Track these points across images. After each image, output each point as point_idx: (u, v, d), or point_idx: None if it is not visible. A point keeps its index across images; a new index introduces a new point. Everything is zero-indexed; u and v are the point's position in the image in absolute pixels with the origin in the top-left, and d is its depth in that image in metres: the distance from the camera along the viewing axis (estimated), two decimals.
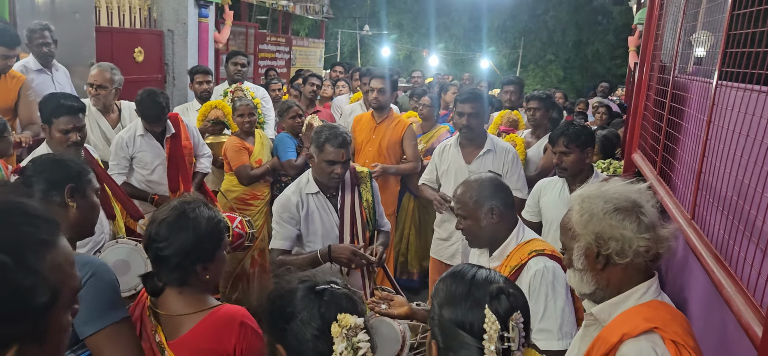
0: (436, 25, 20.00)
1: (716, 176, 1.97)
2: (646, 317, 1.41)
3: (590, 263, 1.49)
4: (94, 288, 1.54)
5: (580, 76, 19.63)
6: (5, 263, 0.76)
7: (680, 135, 2.71)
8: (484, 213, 2.13)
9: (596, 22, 19.24)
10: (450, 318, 1.17)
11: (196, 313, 1.65)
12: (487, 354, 1.10)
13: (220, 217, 1.75)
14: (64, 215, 1.71)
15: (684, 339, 1.37)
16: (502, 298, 1.14)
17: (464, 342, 1.15)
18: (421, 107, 4.85)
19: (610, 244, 1.44)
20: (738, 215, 1.70)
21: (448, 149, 3.63)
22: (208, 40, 7.08)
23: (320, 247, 2.65)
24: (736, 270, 1.65)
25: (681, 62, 2.95)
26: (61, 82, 4.11)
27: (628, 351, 1.37)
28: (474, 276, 1.20)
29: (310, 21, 15.10)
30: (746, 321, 1.46)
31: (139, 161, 3.49)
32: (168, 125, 3.55)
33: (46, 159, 1.83)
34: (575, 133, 3.04)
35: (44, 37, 3.95)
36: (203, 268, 1.67)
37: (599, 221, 1.46)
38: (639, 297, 1.47)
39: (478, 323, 1.13)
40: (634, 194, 1.51)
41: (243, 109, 4.08)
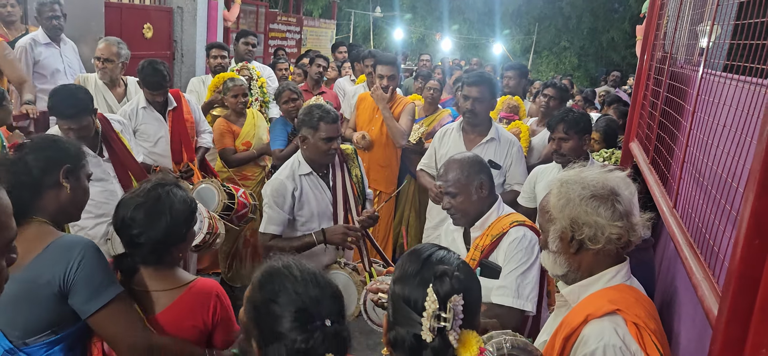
0: (449, 9, 19.88)
1: (696, 165, 2.00)
2: (611, 299, 1.47)
3: (564, 246, 1.54)
4: (87, 268, 1.59)
5: (595, 64, 19.45)
6: None
7: (671, 125, 2.73)
8: (475, 188, 2.21)
9: (612, 10, 19.00)
10: (399, 293, 1.23)
11: (173, 290, 1.73)
12: (424, 331, 1.16)
13: (191, 197, 1.80)
14: (56, 194, 1.73)
15: (645, 322, 1.42)
16: (445, 280, 1.18)
17: (409, 317, 1.20)
18: (430, 91, 4.85)
19: (583, 230, 1.49)
20: (710, 203, 1.73)
21: (449, 134, 3.55)
22: (218, 18, 7.13)
23: (315, 227, 2.72)
24: (706, 257, 1.70)
25: (686, 53, 2.96)
26: (69, 57, 4.20)
27: (590, 331, 1.42)
28: (430, 255, 1.25)
29: (323, 1, 15.08)
30: (708, 306, 1.50)
31: (143, 133, 3.57)
32: (170, 98, 3.63)
33: (44, 138, 1.86)
34: (574, 119, 3.06)
35: (54, 10, 4.05)
36: (176, 247, 1.75)
37: (575, 207, 1.50)
38: (607, 280, 1.53)
39: (421, 300, 1.18)
40: (613, 182, 1.54)
41: (236, 89, 4.09)
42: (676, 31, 2.98)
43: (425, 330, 1.15)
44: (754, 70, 1.54)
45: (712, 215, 1.71)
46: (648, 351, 1.37)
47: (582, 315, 1.45)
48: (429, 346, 1.16)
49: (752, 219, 1.17)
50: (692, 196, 2.03)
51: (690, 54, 2.75)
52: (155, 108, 3.59)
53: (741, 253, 1.20)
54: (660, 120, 2.91)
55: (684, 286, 2.55)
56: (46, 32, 4.09)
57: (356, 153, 3.02)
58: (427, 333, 1.15)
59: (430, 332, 1.15)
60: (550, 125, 3.16)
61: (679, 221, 2.11)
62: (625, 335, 1.40)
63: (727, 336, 1.23)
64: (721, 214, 1.60)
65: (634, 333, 1.40)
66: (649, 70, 3.63)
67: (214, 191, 3.25)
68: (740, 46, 1.69)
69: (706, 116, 1.95)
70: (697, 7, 2.59)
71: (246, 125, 4.15)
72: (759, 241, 1.17)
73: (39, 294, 1.57)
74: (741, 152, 1.53)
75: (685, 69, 2.70)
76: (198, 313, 1.73)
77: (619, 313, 1.43)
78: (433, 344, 1.16)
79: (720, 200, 1.63)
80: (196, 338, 1.75)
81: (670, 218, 2.24)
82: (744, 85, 1.64)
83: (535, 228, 2.19)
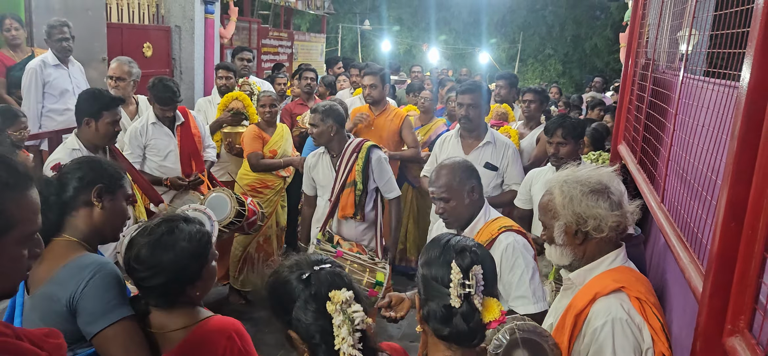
0: (435, 20, 20.15)
1: (680, 162, 2.19)
2: (615, 278, 1.67)
3: (569, 238, 1.73)
4: (97, 287, 1.57)
5: (579, 71, 19.79)
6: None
7: (655, 126, 2.93)
8: (467, 192, 2.33)
9: (594, 17, 19.38)
10: (427, 274, 1.42)
11: (184, 328, 1.60)
12: (453, 298, 1.34)
13: (203, 230, 1.68)
14: (88, 213, 1.73)
15: (646, 296, 1.63)
16: (465, 254, 1.38)
17: (438, 291, 1.38)
18: (423, 100, 5.07)
19: (588, 222, 1.68)
20: (693, 196, 1.92)
21: (449, 140, 3.76)
22: (214, 36, 7.29)
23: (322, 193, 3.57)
24: (691, 243, 1.88)
25: (668, 59, 3.16)
26: (77, 78, 4.33)
27: (599, 307, 1.62)
28: (448, 241, 1.44)
29: (311, 16, 15.27)
30: (695, 286, 1.69)
31: (153, 148, 3.71)
32: (177, 114, 3.79)
33: (83, 159, 1.87)
34: (572, 125, 3.22)
35: (64, 32, 4.19)
36: (192, 286, 1.62)
37: (578, 203, 1.69)
38: (609, 263, 1.73)
39: (447, 275, 1.36)
40: (604, 177, 1.75)
41: (265, 99, 4.29)
42: (657, 38, 3.18)
43: (454, 297, 1.33)
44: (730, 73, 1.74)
45: (695, 206, 1.90)
46: (650, 321, 1.58)
47: (591, 294, 1.63)
48: (458, 312, 1.33)
49: (728, 206, 1.35)
50: (677, 190, 2.22)
51: (671, 60, 2.95)
52: (164, 123, 3.73)
53: (720, 235, 1.38)
54: (645, 123, 3.11)
55: (674, 278, 2.73)
56: (56, 54, 4.22)
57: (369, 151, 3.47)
58: (455, 299, 1.33)
59: (458, 298, 1.33)
60: (548, 130, 3.28)
61: (667, 214, 2.30)
62: (630, 309, 1.59)
63: (711, 308, 1.40)
64: (703, 205, 1.79)
65: (637, 306, 1.60)
66: (634, 76, 3.84)
67: (227, 199, 3.42)
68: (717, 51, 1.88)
69: (687, 117, 2.15)
70: (676, 17, 2.80)
71: (275, 135, 4.35)
72: (734, 224, 1.35)
73: (53, 312, 1.57)
74: (719, 148, 1.72)
75: (667, 74, 2.90)
76: (205, 352, 1.58)
77: (623, 290, 1.62)
78: (461, 309, 1.33)
79: (701, 192, 1.82)
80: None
81: (658, 212, 2.42)
82: (721, 88, 1.83)
83: (521, 230, 2.35)
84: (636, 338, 1.57)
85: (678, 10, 2.71)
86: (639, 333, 1.57)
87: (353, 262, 3.15)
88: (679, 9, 2.73)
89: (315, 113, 3.39)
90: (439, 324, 1.37)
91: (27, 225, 1.08)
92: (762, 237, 1.24)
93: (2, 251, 1.04)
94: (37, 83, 4.12)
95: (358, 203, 3.44)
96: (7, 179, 1.04)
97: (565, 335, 1.63)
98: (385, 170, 3.51)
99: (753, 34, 1.28)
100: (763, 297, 1.25)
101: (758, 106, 1.27)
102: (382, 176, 3.49)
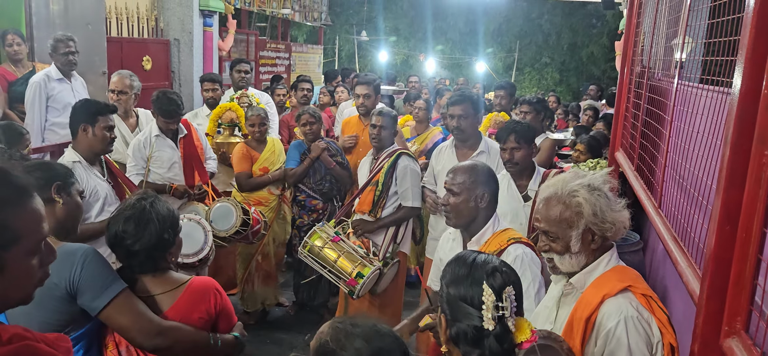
0: (432, 30, 20.25)
1: (675, 168, 2.23)
2: (619, 278, 1.70)
3: (585, 246, 1.74)
4: (92, 269, 1.74)
5: (576, 79, 19.87)
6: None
7: (652, 133, 2.97)
8: (476, 195, 2.32)
9: (591, 25, 19.49)
10: (455, 294, 1.40)
11: (174, 289, 1.88)
12: (486, 321, 1.32)
13: (171, 207, 1.99)
14: (52, 210, 1.90)
15: (651, 292, 1.68)
16: (497, 275, 1.36)
17: (467, 312, 1.37)
18: (417, 110, 5.12)
19: (606, 226, 1.70)
20: (689, 201, 1.96)
21: (444, 151, 3.79)
22: (213, 48, 7.34)
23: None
24: (688, 247, 1.92)
25: (663, 67, 3.20)
26: (79, 92, 4.36)
27: (609, 308, 1.65)
28: (474, 259, 1.43)
29: (308, 27, 15.36)
30: (692, 289, 1.72)
31: (157, 160, 3.74)
32: (180, 126, 3.83)
33: (35, 163, 2.07)
34: (524, 130, 3.19)
35: (70, 46, 4.25)
36: (169, 252, 1.92)
37: (609, 211, 1.70)
38: (606, 264, 1.76)
39: (477, 296, 1.35)
40: (601, 182, 1.77)
41: (254, 119, 4.22)
42: (652, 46, 3.23)
43: (487, 320, 1.32)
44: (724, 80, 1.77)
45: (691, 211, 1.93)
46: (656, 314, 1.63)
47: (598, 297, 1.66)
48: (492, 334, 1.32)
49: (723, 209, 1.39)
50: (674, 196, 2.25)
51: (666, 68, 3.00)
52: (168, 136, 3.77)
53: (715, 238, 1.41)
54: (642, 130, 3.15)
55: (673, 283, 2.76)
56: (61, 67, 4.26)
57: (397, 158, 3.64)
58: (489, 322, 1.32)
59: (493, 321, 1.32)
60: (500, 137, 3.25)
61: (664, 220, 2.33)
62: (639, 306, 1.64)
63: (708, 310, 1.43)
64: (699, 209, 1.83)
65: (644, 303, 1.65)
66: (629, 84, 3.88)
67: (232, 208, 3.47)
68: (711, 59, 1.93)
69: (683, 124, 2.19)
70: (670, 25, 2.85)
71: (265, 151, 4.27)
72: (729, 227, 1.38)
73: (52, 298, 1.70)
74: (713, 154, 1.76)
75: (662, 82, 2.93)
76: (201, 305, 1.90)
77: (630, 289, 1.67)
78: (495, 331, 1.32)
79: (697, 197, 1.86)
80: (202, 328, 1.92)
81: (656, 217, 2.46)
82: (715, 94, 1.87)
83: (529, 243, 2.34)
84: (647, 333, 1.61)
85: (672, 18, 2.76)
86: (649, 327, 1.62)
87: (348, 250, 3.39)
88: (673, 17, 2.77)
89: (381, 115, 3.69)
90: (470, 345, 1.36)
91: (32, 237, 1.13)
92: (756, 239, 1.27)
93: (12, 264, 1.08)
94: (40, 97, 4.15)
95: (376, 202, 3.61)
96: (7, 195, 1.09)
97: (576, 339, 1.66)
98: (408, 179, 3.62)
99: (743, 42, 1.32)
100: (759, 298, 1.28)
101: (749, 112, 1.31)
102: (402, 183, 3.62)
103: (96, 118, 2.88)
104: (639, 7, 3.85)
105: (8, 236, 1.07)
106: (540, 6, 19.35)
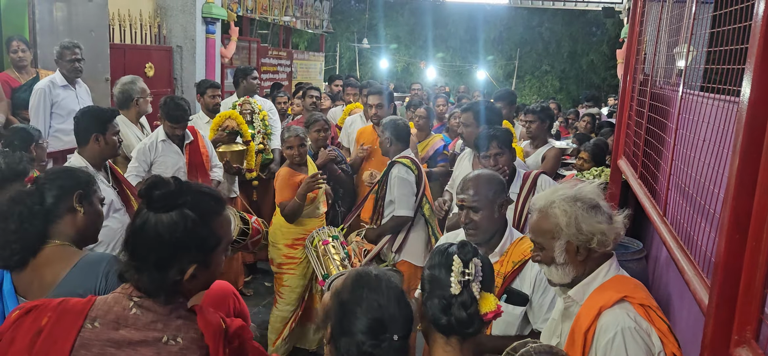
0: (433, 37, 20.27)
1: (681, 176, 2.23)
2: (616, 289, 1.69)
3: (571, 257, 1.74)
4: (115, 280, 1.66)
5: (576, 87, 19.88)
6: (196, 219, 1.33)
7: (656, 141, 2.97)
8: (498, 206, 2.26)
9: (590, 33, 19.52)
10: (429, 274, 1.50)
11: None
12: (453, 285, 1.42)
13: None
14: (73, 218, 1.87)
15: (648, 302, 1.66)
16: (466, 247, 1.46)
17: (439, 284, 1.46)
18: (418, 118, 5.13)
19: (594, 238, 1.70)
20: (695, 209, 1.96)
21: (462, 160, 3.83)
22: (215, 56, 7.35)
23: None
24: (695, 256, 1.91)
25: (665, 75, 3.21)
26: (83, 98, 4.38)
27: (606, 320, 1.64)
28: (449, 246, 1.52)
29: (309, 35, 15.39)
30: (700, 298, 1.72)
31: (161, 165, 3.74)
32: (186, 133, 3.82)
33: (57, 170, 2.03)
34: (503, 135, 3.19)
35: (76, 53, 4.28)
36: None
37: (585, 221, 1.70)
38: (604, 274, 1.75)
39: (448, 267, 1.45)
40: (593, 193, 1.77)
41: (291, 141, 3.71)
42: (655, 55, 3.24)
43: (454, 284, 1.42)
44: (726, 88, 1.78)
45: (698, 220, 1.93)
46: (656, 324, 1.61)
47: (595, 309, 1.65)
48: (458, 300, 1.41)
49: (732, 218, 1.39)
50: (680, 204, 2.25)
51: (668, 76, 3.00)
52: (174, 141, 3.77)
53: (724, 247, 1.41)
54: (645, 138, 3.16)
55: (678, 291, 2.75)
56: (66, 74, 4.28)
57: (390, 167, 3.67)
58: (455, 286, 1.41)
59: (458, 284, 1.41)
60: (482, 145, 3.21)
61: (670, 228, 2.33)
62: (636, 316, 1.62)
63: (718, 319, 1.43)
64: (706, 217, 1.83)
65: (641, 313, 1.63)
66: (632, 92, 3.89)
67: (231, 217, 3.43)
68: (713, 68, 1.93)
69: (688, 132, 2.19)
70: (672, 34, 2.86)
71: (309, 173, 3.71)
72: (739, 235, 1.38)
73: None
74: (721, 162, 1.76)
75: (665, 90, 2.94)
76: (220, 309, 1.83)
77: (626, 299, 1.65)
78: (460, 297, 1.41)
79: (704, 206, 1.86)
80: None
81: (661, 225, 2.46)
82: (720, 102, 1.87)
83: None
84: (647, 343, 1.59)
85: (675, 27, 2.77)
86: (648, 338, 1.60)
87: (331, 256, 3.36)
88: (675, 26, 2.78)
89: (381, 126, 3.77)
90: (439, 312, 1.44)
91: (226, 238, 1.44)
92: (766, 248, 1.27)
93: (214, 259, 1.40)
94: (45, 103, 4.16)
95: (375, 209, 3.67)
96: (213, 207, 1.39)
97: (577, 353, 1.65)
98: (398, 187, 3.56)
99: (752, 51, 1.32)
100: None
101: (759, 120, 1.31)
102: (392, 191, 3.59)
103: (106, 126, 2.90)
104: (641, 16, 3.87)
105: (214, 240, 1.37)
106: (540, 14, 19.40)
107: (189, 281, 1.35)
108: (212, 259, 1.39)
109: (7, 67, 4.67)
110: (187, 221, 1.31)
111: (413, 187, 3.60)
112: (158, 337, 1.32)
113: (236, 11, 8.13)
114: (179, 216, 1.31)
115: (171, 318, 1.34)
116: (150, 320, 1.33)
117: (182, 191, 1.35)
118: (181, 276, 1.33)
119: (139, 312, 1.34)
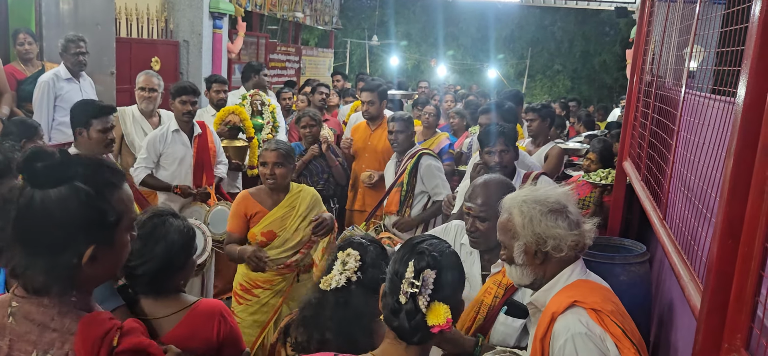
0: (443, 35, 20.20)
1: (681, 179, 2.18)
2: (568, 295, 1.66)
3: (529, 258, 1.74)
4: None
5: (588, 87, 19.75)
6: (90, 192, 1.18)
7: (659, 143, 2.93)
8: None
9: (603, 33, 19.37)
10: (391, 269, 1.50)
11: (176, 313, 1.72)
12: (400, 295, 1.41)
13: (188, 225, 1.82)
14: None
15: (602, 306, 1.62)
16: (423, 256, 1.44)
17: (396, 285, 1.45)
18: (427, 116, 5.10)
19: (548, 242, 1.69)
20: (694, 213, 1.92)
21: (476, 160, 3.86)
22: (222, 51, 7.37)
23: None
24: (691, 261, 1.87)
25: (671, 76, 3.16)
26: (87, 92, 4.41)
27: (558, 327, 1.61)
28: (421, 242, 1.50)
29: (319, 31, 15.39)
30: (694, 304, 1.68)
31: (168, 156, 3.75)
32: (195, 126, 3.83)
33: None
34: (510, 132, 3.20)
35: (80, 46, 4.32)
36: (178, 275, 1.77)
37: (538, 224, 1.70)
38: (565, 279, 1.73)
39: (403, 272, 1.43)
40: (561, 197, 1.77)
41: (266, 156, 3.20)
42: (662, 55, 3.19)
43: (401, 295, 1.41)
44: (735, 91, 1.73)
45: (694, 224, 1.89)
46: (610, 329, 1.57)
47: (548, 316, 1.63)
48: (404, 309, 1.40)
49: (725, 223, 1.35)
50: (679, 207, 2.21)
51: (676, 77, 2.95)
52: (184, 130, 3.79)
53: (717, 253, 1.37)
54: (650, 140, 3.11)
55: (678, 296, 2.71)
56: (71, 67, 4.31)
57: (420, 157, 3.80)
58: (402, 296, 1.40)
59: (404, 295, 1.40)
60: (488, 142, 3.18)
61: (669, 232, 2.29)
62: (588, 322, 1.59)
63: (708, 325, 1.39)
64: (703, 222, 1.79)
65: (594, 318, 1.59)
66: (639, 93, 3.84)
67: (228, 212, 3.44)
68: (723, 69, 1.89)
69: (688, 134, 2.15)
70: (680, 34, 2.80)
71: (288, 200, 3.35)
72: (731, 241, 1.34)
73: None
74: (717, 165, 1.72)
75: (671, 91, 2.90)
76: (203, 332, 1.73)
77: (577, 304, 1.62)
78: (406, 306, 1.40)
79: (701, 209, 1.81)
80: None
81: (660, 229, 2.41)
82: (720, 104, 1.83)
83: None
84: (600, 349, 1.56)
85: (683, 27, 2.72)
86: (602, 343, 1.57)
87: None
88: (684, 26, 2.73)
89: (394, 121, 3.86)
90: (389, 313, 1.44)
91: (129, 214, 1.28)
92: (758, 254, 1.24)
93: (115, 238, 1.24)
94: (49, 96, 4.20)
95: (403, 202, 3.76)
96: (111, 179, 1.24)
97: None
98: (434, 176, 3.79)
99: (748, 52, 1.29)
100: (760, 314, 1.25)
101: (753, 123, 1.27)
102: (430, 181, 3.77)
103: (90, 121, 2.89)
104: (649, 16, 3.81)
105: (113, 215, 1.22)
106: (552, 13, 19.27)
107: (89, 265, 1.19)
108: (114, 237, 1.23)
109: (13, 59, 4.71)
110: (80, 194, 1.16)
111: (443, 170, 3.90)
112: (28, 351, 1.17)
113: (245, 6, 8.14)
114: (70, 190, 1.16)
115: (49, 327, 1.18)
116: (24, 331, 1.18)
117: (70, 163, 1.19)
118: (79, 259, 1.18)
119: (13, 322, 1.19)
